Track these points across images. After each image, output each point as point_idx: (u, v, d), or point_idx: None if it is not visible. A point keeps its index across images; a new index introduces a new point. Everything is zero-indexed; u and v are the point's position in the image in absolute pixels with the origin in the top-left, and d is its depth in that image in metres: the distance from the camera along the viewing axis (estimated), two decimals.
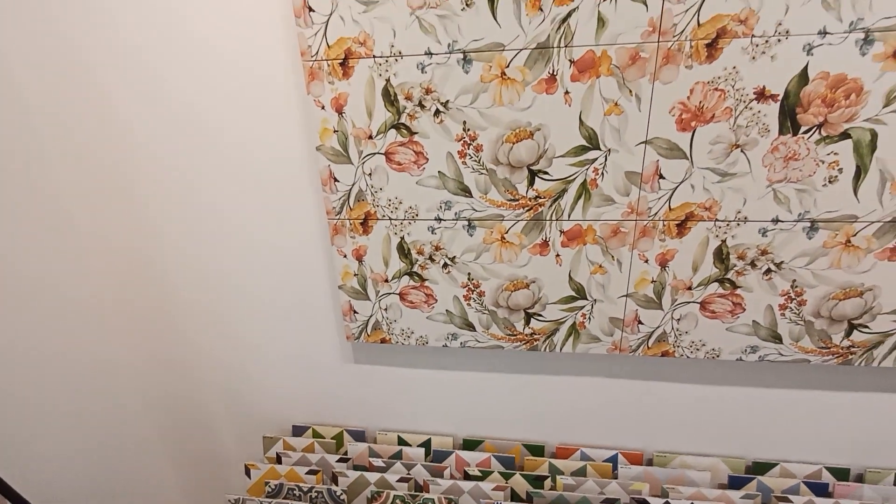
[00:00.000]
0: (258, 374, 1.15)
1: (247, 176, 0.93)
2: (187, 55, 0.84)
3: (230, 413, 1.21)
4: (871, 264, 0.80)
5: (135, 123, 0.91)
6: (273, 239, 0.98)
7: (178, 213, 0.98)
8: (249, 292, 1.05)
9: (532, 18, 0.73)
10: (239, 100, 0.86)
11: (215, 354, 1.14)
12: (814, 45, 0.69)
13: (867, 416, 0.95)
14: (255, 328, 1.09)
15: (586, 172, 0.81)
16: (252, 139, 0.89)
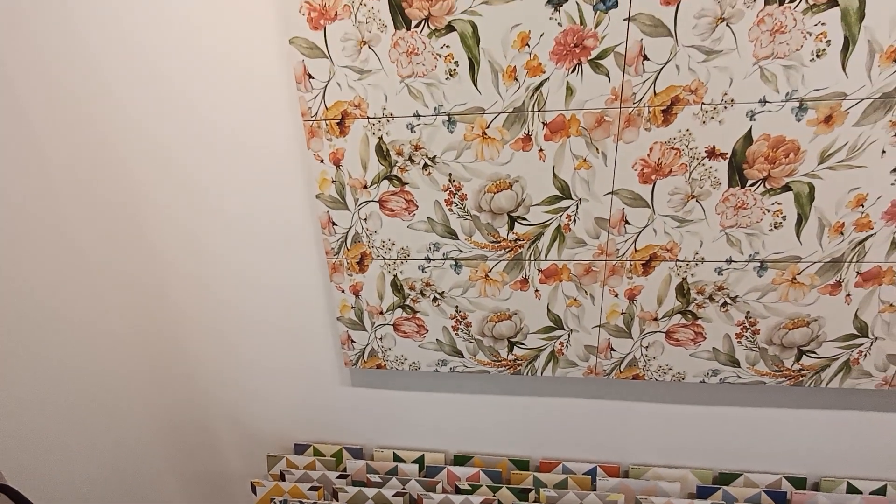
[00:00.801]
0: (262, 397, 1.23)
1: (254, 220, 1.01)
2: (200, 117, 0.92)
3: (235, 434, 1.29)
4: (815, 298, 0.90)
5: (148, 170, 0.99)
6: (278, 275, 1.06)
7: (190, 249, 1.06)
8: (255, 322, 1.13)
9: (509, 87, 0.82)
10: (248, 153, 0.95)
11: (222, 380, 1.22)
12: (756, 112, 0.78)
13: (820, 430, 1.05)
14: (261, 355, 1.17)
15: (560, 219, 0.90)
16: (259, 188, 0.98)
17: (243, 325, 1.14)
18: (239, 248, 1.05)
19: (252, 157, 0.95)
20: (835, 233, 0.84)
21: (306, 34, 0.82)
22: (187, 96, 0.91)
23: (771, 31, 0.73)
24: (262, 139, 0.93)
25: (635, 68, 0.78)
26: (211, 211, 1.01)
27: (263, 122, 0.92)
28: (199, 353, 1.19)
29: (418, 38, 0.80)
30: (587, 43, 0.77)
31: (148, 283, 1.11)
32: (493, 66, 0.80)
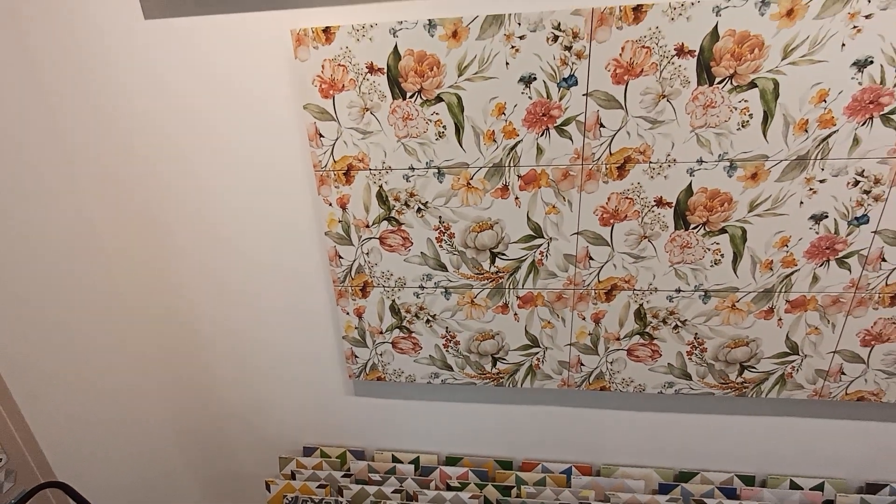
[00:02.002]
0: (275, 405, 1.38)
1: (273, 254, 1.16)
2: (232, 164, 1.08)
3: (250, 438, 1.44)
4: (752, 322, 1.05)
5: (181, 215, 1.14)
6: (291, 299, 1.21)
7: (214, 281, 1.21)
8: (271, 340, 1.28)
9: (488, 146, 0.97)
10: (268, 199, 1.10)
11: (239, 391, 1.37)
12: (695, 169, 0.94)
13: (764, 434, 1.20)
14: (275, 368, 1.32)
15: (534, 254, 1.05)
16: (277, 228, 1.13)
17: (260, 342, 1.29)
18: (258, 276, 1.20)
19: (272, 202, 1.11)
20: (765, 268, 1.00)
21: (318, 101, 0.97)
22: (221, 154, 1.07)
23: (703, 106, 0.88)
24: (281, 186, 1.08)
25: (593, 133, 0.93)
26: (235, 246, 1.17)
27: (282, 171, 1.07)
28: (218, 368, 1.34)
29: (412, 107, 0.95)
30: (553, 113, 0.92)
31: (175, 311, 1.26)
32: (475, 130, 0.96)
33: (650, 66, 0.87)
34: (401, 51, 0.91)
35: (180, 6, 0.95)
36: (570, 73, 0.89)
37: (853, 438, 1.18)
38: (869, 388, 1.08)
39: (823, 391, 1.10)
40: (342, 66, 0.93)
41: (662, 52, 0.86)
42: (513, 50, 0.89)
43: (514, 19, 0.87)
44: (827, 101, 0.85)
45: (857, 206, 0.92)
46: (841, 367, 1.07)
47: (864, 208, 0.92)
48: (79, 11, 0.97)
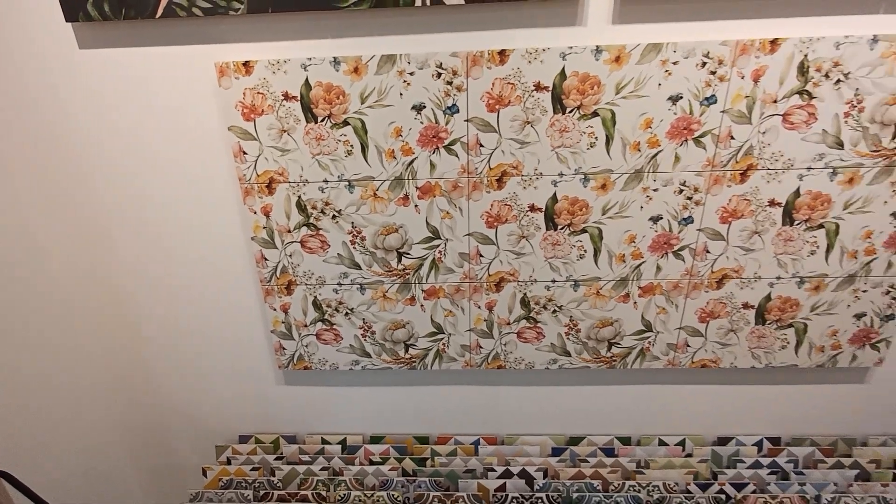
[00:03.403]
0: (212, 398, 1.50)
1: (207, 257, 1.29)
2: (168, 176, 1.20)
3: (189, 429, 1.55)
4: (614, 306, 1.28)
5: (125, 224, 1.26)
6: (224, 298, 1.34)
7: (155, 278, 1.33)
8: (206, 338, 1.40)
9: (390, 163, 1.15)
10: (202, 209, 1.23)
11: (176, 383, 1.48)
12: (557, 181, 1.15)
13: (634, 400, 1.44)
14: (210, 362, 1.44)
15: (434, 253, 1.24)
16: (210, 233, 1.26)
17: (196, 339, 1.41)
18: (194, 277, 1.32)
19: (205, 211, 1.24)
20: (619, 260, 1.22)
21: (240, 124, 1.12)
22: (158, 167, 1.19)
23: (559, 131, 1.10)
24: (212, 197, 1.22)
25: (475, 152, 1.13)
26: (172, 250, 1.29)
27: (212, 184, 1.21)
28: (157, 364, 1.45)
29: (324, 129, 1.12)
30: (441, 135, 1.11)
31: (116, 310, 1.37)
32: (378, 149, 1.13)
33: (515, 98, 1.07)
34: (311, 82, 1.07)
35: (113, 39, 1.07)
36: (453, 103, 1.08)
37: (703, 399, 1.43)
38: (709, 357, 1.33)
39: (675, 361, 1.34)
40: (261, 94, 1.09)
41: (524, 88, 1.06)
42: (405, 84, 1.07)
43: (405, 59, 1.05)
44: (652, 127, 1.09)
45: (683, 209, 1.16)
46: (686, 341, 1.31)
47: (689, 211, 1.16)
48: (17, 42, 1.08)
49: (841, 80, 1.03)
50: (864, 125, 1.06)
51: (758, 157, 1.10)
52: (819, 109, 1.05)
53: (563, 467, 1.41)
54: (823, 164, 1.10)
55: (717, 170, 1.12)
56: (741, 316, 1.27)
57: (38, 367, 1.29)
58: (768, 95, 1.05)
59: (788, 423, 1.45)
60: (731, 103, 1.06)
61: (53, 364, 1.33)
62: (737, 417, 1.46)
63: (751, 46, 1.01)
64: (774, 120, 1.07)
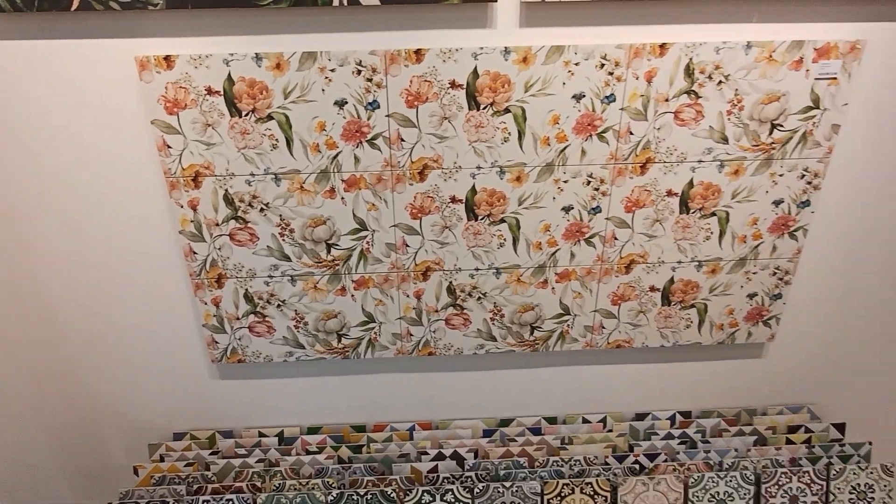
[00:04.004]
0: (143, 395, 1.49)
1: (135, 252, 1.29)
2: (92, 169, 1.20)
3: (120, 428, 1.53)
4: (534, 292, 1.36)
5: (48, 220, 1.24)
6: (154, 292, 1.34)
7: (80, 274, 1.31)
8: (135, 334, 1.40)
9: (315, 156, 1.19)
10: (129, 202, 1.23)
11: (106, 381, 1.46)
12: (476, 174, 1.22)
13: (558, 381, 1.53)
14: (141, 360, 1.43)
15: (362, 244, 1.29)
16: (138, 228, 1.26)
17: (125, 335, 1.40)
18: (121, 272, 1.32)
19: (131, 204, 1.24)
20: (536, 248, 1.31)
21: (164, 117, 1.14)
22: (82, 159, 1.18)
23: (475, 126, 1.17)
24: (138, 190, 1.22)
25: (397, 146, 1.19)
26: (99, 245, 1.28)
27: (138, 177, 1.21)
28: (86, 363, 1.43)
29: (248, 123, 1.15)
30: (364, 129, 1.17)
31: (41, 308, 1.34)
32: (303, 143, 1.17)
33: (433, 94, 1.14)
34: (234, 77, 1.10)
35: (28, 31, 1.07)
36: (374, 99, 1.14)
37: (620, 378, 1.54)
38: (623, 338, 1.44)
39: (592, 342, 1.44)
40: (183, 89, 1.11)
41: (440, 85, 1.13)
42: (327, 80, 1.12)
43: (325, 56, 1.10)
44: (560, 123, 1.17)
45: (591, 199, 1.26)
46: (601, 323, 1.41)
47: (597, 201, 1.26)
48: None
49: (722, 81, 1.15)
50: (745, 122, 1.19)
51: (655, 151, 1.21)
52: (705, 108, 1.17)
53: (493, 447, 1.48)
54: (712, 158, 1.22)
55: (620, 163, 1.22)
56: (649, 298, 1.38)
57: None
58: (660, 95, 1.15)
59: (697, 398, 1.58)
60: (629, 101, 1.16)
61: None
62: (652, 394, 1.58)
63: (643, 50, 1.11)
64: (667, 117, 1.18)
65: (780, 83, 1.15)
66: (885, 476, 1.37)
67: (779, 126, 1.19)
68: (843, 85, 1.16)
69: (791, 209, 1.29)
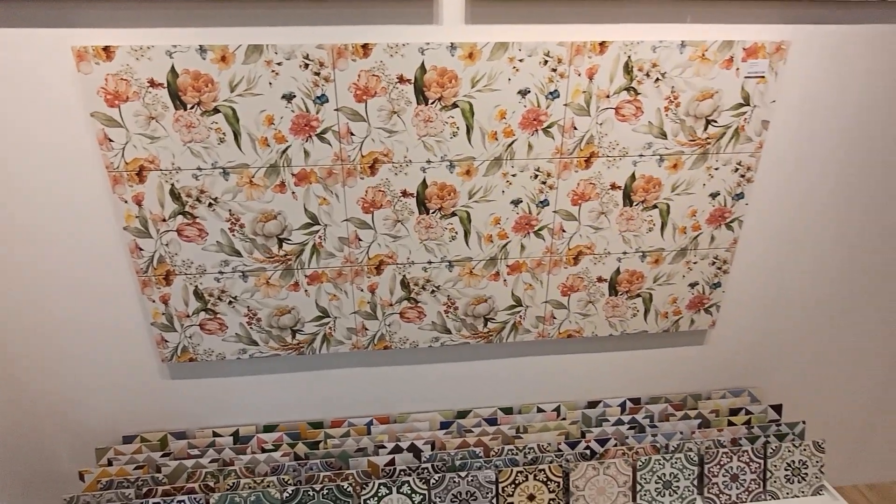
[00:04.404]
0: (89, 398, 1.45)
1: (79, 249, 1.25)
2: (32, 163, 1.16)
3: (67, 433, 1.48)
4: (486, 284, 1.39)
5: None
6: (99, 291, 1.31)
7: (20, 273, 1.26)
8: (78, 332, 1.35)
9: (264, 150, 1.18)
10: (71, 197, 1.19)
11: (51, 384, 1.41)
12: (426, 168, 1.24)
13: (512, 372, 1.56)
14: (86, 360, 1.39)
15: (314, 238, 1.29)
16: (81, 224, 1.22)
17: (68, 336, 1.36)
18: (64, 271, 1.28)
19: (74, 199, 1.20)
20: (487, 241, 1.34)
21: (104, 110, 1.11)
22: (21, 150, 1.14)
23: (424, 121, 1.19)
24: (80, 185, 1.19)
25: (347, 140, 1.19)
26: (37, 237, 1.24)
27: (79, 172, 1.18)
28: (29, 366, 1.37)
29: (194, 117, 1.14)
30: (313, 123, 1.17)
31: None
32: (251, 137, 1.17)
33: (381, 89, 1.15)
34: (178, 70, 1.09)
35: None
36: (322, 93, 1.14)
37: (573, 368, 1.58)
38: (573, 327, 1.48)
39: (544, 332, 1.48)
40: (125, 80, 1.09)
41: (388, 80, 1.14)
42: (273, 73, 1.11)
43: (272, 49, 1.10)
44: (506, 118, 1.21)
45: (539, 192, 1.30)
46: (552, 313, 1.45)
47: (544, 194, 1.30)
48: None
49: (659, 78, 1.20)
50: (682, 118, 1.25)
51: (598, 146, 1.26)
52: (644, 104, 1.22)
53: (450, 439, 1.50)
54: (652, 152, 1.27)
55: (565, 157, 1.26)
56: (597, 289, 1.43)
57: None
58: (602, 91, 1.20)
59: (646, 384, 1.64)
60: (572, 97, 1.20)
61: None
62: (603, 382, 1.63)
63: (584, 47, 1.15)
64: (609, 113, 1.22)
65: (713, 81, 1.21)
66: (817, 452, 1.46)
67: (713, 122, 1.26)
68: (770, 83, 1.23)
69: (727, 201, 1.35)
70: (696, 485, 1.44)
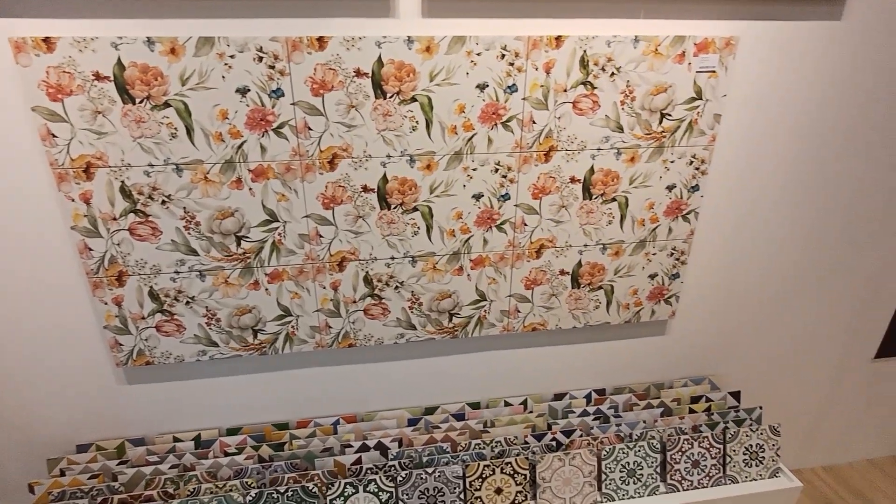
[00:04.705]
0: (40, 407, 1.38)
1: (21, 250, 1.19)
2: None
3: (16, 443, 1.42)
4: (450, 279, 1.39)
5: None
6: (47, 294, 1.25)
7: None
8: (26, 337, 1.29)
9: (218, 145, 1.15)
10: (8, 197, 1.14)
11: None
12: (386, 162, 1.23)
13: (478, 366, 1.57)
14: (36, 366, 1.33)
15: (274, 236, 1.26)
16: (22, 223, 1.17)
17: (19, 343, 1.29)
18: (7, 275, 1.22)
19: (13, 200, 1.15)
20: (450, 236, 1.33)
21: (46, 104, 1.07)
22: None
23: (383, 115, 1.18)
24: (20, 184, 1.14)
25: (304, 135, 1.17)
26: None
27: (20, 170, 1.13)
28: None
29: (143, 111, 1.10)
30: (269, 118, 1.15)
31: None
32: (205, 132, 1.14)
33: (338, 83, 1.14)
34: (124, 62, 1.05)
35: None
36: (278, 87, 1.12)
37: (538, 361, 1.59)
38: (537, 321, 1.50)
39: (509, 326, 1.49)
40: (67, 73, 1.05)
41: (345, 73, 1.13)
42: (226, 66, 1.09)
43: (224, 41, 1.07)
44: (465, 112, 1.21)
45: (500, 186, 1.30)
46: (516, 307, 1.46)
47: (505, 188, 1.31)
48: None
49: (615, 73, 1.22)
50: (637, 112, 1.27)
51: (557, 140, 1.27)
52: (601, 98, 1.24)
53: (417, 435, 1.49)
54: (609, 146, 1.30)
55: (525, 151, 1.27)
56: (560, 282, 1.45)
57: None
58: (559, 85, 1.21)
59: (610, 375, 1.67)
60: (530, 91, 1.21)
61: None
62: (569, 375, 1.65)
63: (540, 42, 1.16)
64: (566, 107, 1.24)
65: (667, 75, 1.24)
66: (773, 436, 1.51)
67: (667, 116, 1.28)
68: (721, 77, 1.27)
69: (683, 193, 1.39)
70: (659, 472, 1.47)
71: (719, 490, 1.46)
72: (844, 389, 1.90)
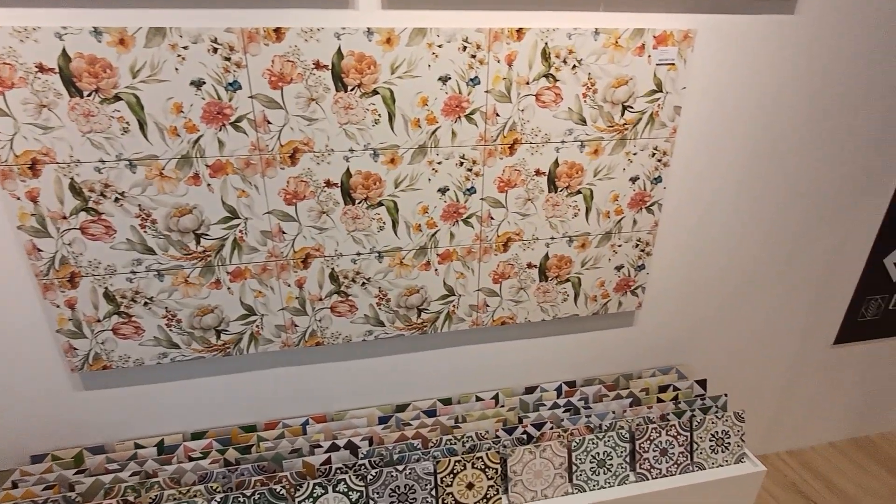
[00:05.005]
0: None
1: None
2: None
3: None
4: (417, 274, 1.38)
5: None
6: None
7: None
8: None
9: (173, 140, 1.12)
10: None
11: None
12: (349, 157, 1.21)
13: (448, 362, 1.56)
14: None
15: (234, 233, 1.23)
16: None
17: None
18: None
19: None
20: (416, 230, 1.32)
21: None
22: None
23: (344, 108, 1.16)
24: None
25: (264, 129, 1.15)
26: None
27: None
28: None
29: (92, 105, 1.06)
30: (226, 111, 1.12)
31: None
32: (158, 126, 1.10)
33: (297, 75, 1.11)
34: (70, 53, 1.01)
35: None
36: (234, 79, 1.09)
37: (508, 355, 1.60)
38: (506, 314, 1.50)
39: (478, 321, 1.48)
40: (8, 65, 1.00)
41: (304, 66, 1.11)
42: (179, 58, 1.06)
43: (176, 32, 1.04)
44: (428, 105, 1.20)
45: (465, 180, 1.30)
46: (485, 301, 1.46)
47: (471, 182, 1.30)
48: None
49: (576, 65, 1.23)
50: (599, 104, 1.28)
51: (521, 132, 1.27)
52: (563, 90, 1.25)
53: (388, 433, 1.48)
54: (573, 138, 1.30)
55: (489, 144, 1.27)
56: (527, 275, 1.45)
57: None
58: (521, 78, 1.21)
59: (580, 367, 1.68)
60: (493, 84, 1.21)
61: None
62: (539, 368, 1.65)
63: (501, 34, 1.16)
64: (529, 99, 1.24)
65: (627, 68, 1.25)
66: (738, 422, 1.54)
67: (629, 108, 1.30)
68: (680, 70, 1.29)
69: (646, 185, 1.41)
70: (629, 461, 1.48)
71: (687, 477, 1.49)
72: (806, 375, 1.96)
